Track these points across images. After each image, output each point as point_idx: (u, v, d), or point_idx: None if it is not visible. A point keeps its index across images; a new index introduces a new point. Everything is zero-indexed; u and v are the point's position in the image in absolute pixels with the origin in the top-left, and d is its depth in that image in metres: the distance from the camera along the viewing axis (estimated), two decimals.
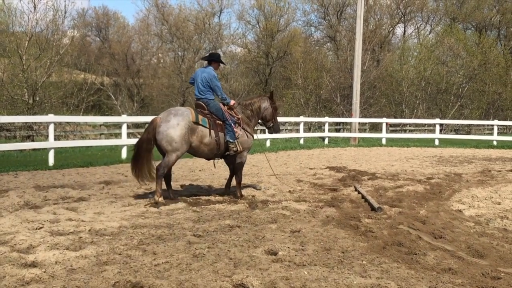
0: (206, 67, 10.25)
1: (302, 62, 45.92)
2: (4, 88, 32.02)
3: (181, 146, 9.40)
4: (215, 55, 10.57)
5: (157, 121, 9.51)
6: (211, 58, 10.39)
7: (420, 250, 6.26)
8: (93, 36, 70.79)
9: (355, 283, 5.01)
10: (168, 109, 9.94)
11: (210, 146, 9.79)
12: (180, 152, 9.48)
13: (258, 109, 10.78)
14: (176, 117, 9.43)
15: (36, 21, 33.85)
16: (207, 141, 9.71)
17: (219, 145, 9.89)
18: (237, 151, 10.10)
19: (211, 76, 9.98)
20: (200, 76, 10.02)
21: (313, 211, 8.62)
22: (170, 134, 9.30)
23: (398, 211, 8.65)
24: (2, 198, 9.74)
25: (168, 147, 9.35)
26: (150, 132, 9.50)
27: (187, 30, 51.78)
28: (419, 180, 12.91)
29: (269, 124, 11.08)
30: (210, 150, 9.87)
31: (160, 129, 9.37)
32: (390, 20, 54.73)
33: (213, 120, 9.87)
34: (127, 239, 6.61)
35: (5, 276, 5.05)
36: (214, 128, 9.81)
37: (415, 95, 46.49)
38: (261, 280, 5.00)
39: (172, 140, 9.31)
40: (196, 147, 9.67)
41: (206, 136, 9.69)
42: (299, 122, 29.98)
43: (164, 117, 9.51)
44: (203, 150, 9.79)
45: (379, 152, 23.81)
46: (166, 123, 9.39)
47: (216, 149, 9.90)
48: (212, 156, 10.10)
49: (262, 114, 10.88)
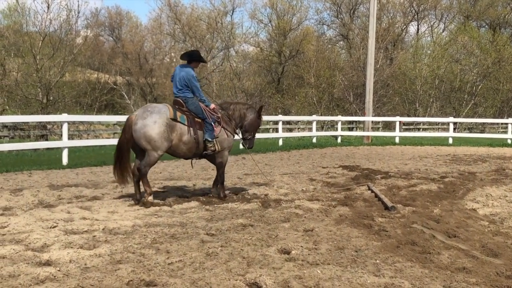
0: (184, 65, 9.84)
1: (314, 61, 45.86)
2: (18, 88, 32.31)
3: (161, 144, 9.06)
4: (194, 54, 10.19)
5: (133, 119, 9.12)
6: (190, 57, 9.94)
7: (434, 249, 6.22)
8: (106, 35, 71.16)
9: (368, 282, 4.99)
10: (144, 106, 9.57)
11: (189, 144, 9.46)
12: (161, 150, 9.14)
13: (244, 115, 10.37)
14: (153, 114, 9.06)
15: (49, 21, 34.13)
16: (186, 139, 9.37)
17: (198, 144, 9.55)
18: (215, 150, 9.76)
19: (190, 76, 9.60)
20: (179, 75, 9.66)
21: (326, 210, 8.59)
22: (148, 133, 8.95)
23: (412, 210, 8.61)
24: (17, 197, 9.81)
25: (148, 146, 9.02)
26: (127, 131, 9.13)
27: (199, 29, 51.89)
28: (433, 179, 12.84)
29: (246, 136, 10.59)
30: (189, 149, 9.54)
31: (137, 127, 9.00)
32: (403, 18, 54.50)
33: (191, 117, 9.52)
34: (141, 237, 6.62)
35: (20, 275, 5.09)
36: (193, 126, 9.47)
37: (429, 94, 46.26)
38: (274, 279, 4.99)
39: (151, 139, 8.97)
40: (175, 146, 9.33)
41: (185, 134, 9.36)
42: (312, 121, 29.93)
43: (140, 114, 9.13)
44: (181, 149, 9.44)
45: (393, 151, 23.72)
46: (142, 120, 9.02)
47: (195, 148, 9.57)
48: (191, 155, 9.76)
49: (244, 122, 10.40)
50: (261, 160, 18.34)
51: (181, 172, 14.33)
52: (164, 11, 56.46)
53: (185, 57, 10.03)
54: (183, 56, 10.10)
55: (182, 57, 10.15)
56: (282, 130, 28.63)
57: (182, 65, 9.91)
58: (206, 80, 48.50)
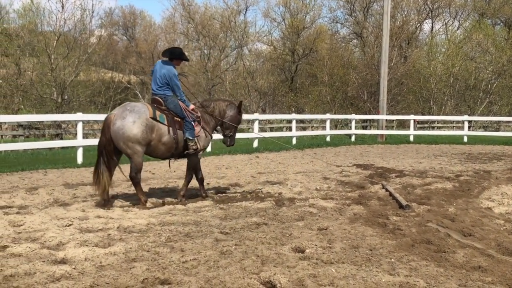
0: (166, 62, 9.48)
1: (328, 59, 45.76)
2: (33, 87, 32.55)
3: (139, 145, 8.77)
4: (176, 51, 9.81)
5: (111, 119, 8.78)
6: (172, 55, 9.57)
7: (449, 248, 6.19)
8: (120, 35, 71.56)
9: (383, 280, 4.97)
10: (123, 104, 9.19)
11: (168, 144, 9.16)
12: (141, 152, 8.84)
13: (223, 112, 10.09)
14: (132, 114, 8.72)
15: (64, 21, 34.33)
16: (165, 139, 9.08)
17: (177, 144, 9.26)
18: (197, 149, 9.49)
19: (171, 74, 9.29)
20: (159, 72, 9.31)
21: (340, 209, 8.57)
22: (126, 133, 8.63)
23: (427, 209, 8.56)
24: (32, 196, 9.88)
25: (127, 149, 8.73)
26: (106, 132, 8.78)
27: (213, 28, 51.90)
28: (448, 177, 12.77)
29: (227, 133, 10.30)
30: (168, 149, 9.25)
31: (115, 127, 8.68)
32: (418, 16, 54.15)
33: (171, 116, 9.22)
34: (155, 236, 6.65)
35: (36, 273, 5.12)
36: (173, 125, 9.17)
37: (443, 92, 45.95)
38: (288, 278, 4.99)
39: (129, 140, 8.66)
40: (154, 146, 9.03)
41: (164, 135, 9.05)
42: (326, 120, 29.86)
43: (119, 114, 8.78)
44: (160, 149, 9.15)
45: (407, 149, 23.62)
46: (121, 120, 8.68)
47: (174, 148, 9.28)
48: (169, 155, 9.48)
49: (224, 119, 10.12)
50: (274, 158, 18.33)
51: None
52: (177, 10, 56.64)
53: (166, 54, 9.63)
54: (165, 53, 9.69)
55: (164, 53, 9.72)
56: (296, 129, 28.60)
57: (164, 61, 9.53)
58: (220, 79, 48.52)
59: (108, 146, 8.78)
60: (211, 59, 50.57)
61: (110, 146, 8.78)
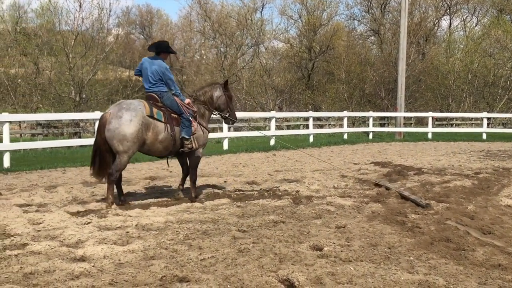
0: (154, 58, 9.20)
1: (345, 56, 45.55)
2: (51, 86, 32.81)
3: (132, 145, 8.49)
4: (163, 45, 9.50)
5: (107, 117, 8.50)
6: (158, 49, 9.30)
7: (469, 246, 6.13)
8: (137, 33, 71.88)
9: (402, 279, 4.94)
10: (119, 102, 8.90)
11: (165, 142, 8.91)
12: (131, 151, 8.58)
13: (210, 99, 9.77)
14: (128, 112, 8.45)
15: (81, 20, 34.55)
16: (162, 137, 8.82)
17: (174, 141, 9.02)
18: (192, 148, 9.25)
19: (163, 68, 9.03)
20: (150, 69, 9.02)
21: (358, 207, 8.54)
22: (122, 132, 8.35)
23: (446, 207, 8.50)
24: (51, 194, 9.95)
25: (119, 147, 8.42)
26: (102, 131, 8.50)
27: (229, 26, 51.88)
28: (467, 175, 12.67)
29: (224, 114, 10.04)
30: (165, 147, 9.00)
31: (111, 126, 8.40)
32: (435, 12, 53.70)
33: (168, 113, 8.98)
34: (173, 234, 6.66)
35: (55, 270, 5.16)
36: (170, 122, 8.92)
37: (462, 89, 45.56)
38: (306, 276, 4.97)
39: (124, 139, 8.38)
40: (151, 144, 8.77)
41: (161, 132, 8.80)
42: (343, 117, 29.78)
43: (115, 112, 8.50)
44: (157, 147, 8.90)
45: (425, 147, 23.48)
46: (117, 119, 8.41)
47: (172, 145, 9.04)
48: (167, 153, 9.24)
49: (216, 104, 9.84)
50: (291, 156, 18.31)
51: (212, 169, 14.38)
52: (194, 8, 56.66)
53: (152, 48, 9.40)
54: (151, 48, 9.47)
55: (150, 48, 9.51)
56: (313, 127, 28.56)
57: (151, 57, 9.25)
58: (236, 77, 48.53)
59: (103, 146, 8.53)
60: (228, 57, 50.57)
61: (105, 145, 8.53)
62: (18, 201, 8.99)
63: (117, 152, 8.51)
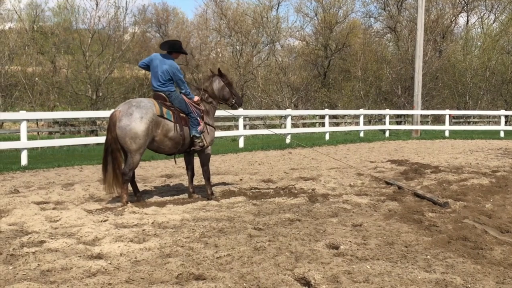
0: (165, 56, 9.16)
1: (361, 54, 45.41)
2: (68, 84, 33.03)
3: (144, 143, 8.51)
4: (176, 44, 9.46)
5: (117, 115, 8.47)
6: (172, 48, 9.28)
7: (487, 244, 6.07)
8: (153, 32, 71.93)
9: (419, 278, 4.90)
10: (128, 101, 8.87)
11: (175, 140, 8.93)
12: (143, 149, 8.58)
13: (213, 92, 9.73)
14: (139, 110, 8.44)
15: (98, 18, 34.73)
16: (172, 135, 8.85)
17: (184, 140, 9.04)
18: (203, 146, 9.29)
19: (174, 69, 9.03)
20: (161, 68, 8.98)
21: (374, 205, 8.49)
22: (134, 129, 8.34)
23: (463, 205, 8.42)
24: (68, 192, 10.02)
25: (132, 145, 8.40)
26: (113, 130, 8.46)
27: (245, 24, 51.83)
28: (484, 173, 12.56)
29: (230, 102, 9.99)
30: (174, 145, 9.02)
31: (122, 124, 8.38)
32: (453, 9, 53.31)
33: (177, 113, 8.99)
34: (189, 231, 6.67)
35: (72, 268, 5.18)
36: (179, 122, 8.94)
37: (479, 86, 45.23)
38: (323, 274, 4.96)
39: (137, 137, 8.37)
40: (160, 141, 8.77)
41: (171, 130, 8.82)
42: (359, 115, 29.67)
43: (125, 110, 8.48)
44: (166, 144, 8.89)
45: (442, 145, 23.32)
46: (128, 116, 8.39)
47: (181, 144, 9.06)
48: (175, 151, 9.24)
49: (220, 96, 9.82)
50: (307, 154, 18.27)
51: (227, 167, 14.39)
52: (209, 6, 56.65)
53: (165, 47, 9.34)
54: (163, 46, 9.40)
55: (162, 46, 9.41)
56: (329, 124, 28.48)
57: (162, 55, 9.21)
58: (252, 75, 48.52)
59: (115, 144, 8.48)
60: (243, 55, 50.51)
61: (116, 144, 8.49)
62: (35, 199, 9.06)
63: (129, 150, 8.49)
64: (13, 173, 13.52)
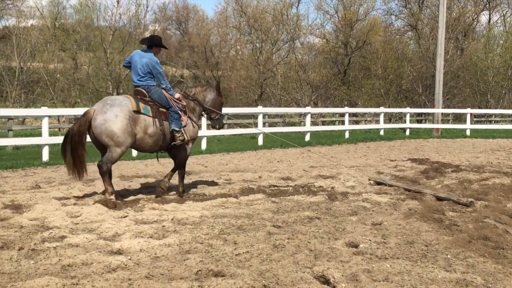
0: (145, 50, 9.13)
1: (382, 52, 45.22)
2: (89, 81, 33.33)
3: (125, 140, 8.38)
4: (155, 38, 9.45)
5: (91, 113, 8.39)
6: (151, 42, 9.24)
7: (508, 244, 6.02)
8: (174, 29, 72.26)
9: (439, 277, 4.86)
10: (104, 99, 8.80)
11: (155, 137, 8.79)
12: (124, 146, 8.45)
13: (204, 98, 9.77)
14: (113, 108, 8.35)
15: (119, 16, 35.01)
16: (151, 131, 8.70)
17: (164, 135, 8.90)
18: (184, 140, 9.13)
19: (153, 62, 8.96)
20: (140, 62, 8.94)
21: (394, 204, 8.44)
22: (109, 128, 8.24)
23: (484, 205, 8.34)
24: (89, 187, 10.10)
25: (110, 142, 8.32)
26: (82, 124, 8.37)
27: (265, 22, 51.83)
28: (506, 172, 12.43)
29: (214, 116, 9.97)
30: (155, 142, 8.86)
31: (96, 123, 8.30)
32: (474, 7, 52.82)
33: (156, 107, 8.86)
34: (208, 228, 6.69)
35: (93, 263, 5.23)
36: (158, 117, 8.80)
37: (501, 85, 44.81)
38: (342, 272, 4.94)
39: (114, 134, 8.25)
40: (140, 139, 8.64)
41: (150, 126, 8.67)
42: (379, 113, 29.52)
43: (100, 109, 8.40)
44: (147, 142, 8.76)
45: (463, 144, 23.12)
46: (102, 115, 8.31)
47: (162, 140, 8.92)
48: (157, 148, 9.09)
49: (207, 105, 9.80)
50: (327, 152, 18.22)
51: (246, 164, 14.40)
52: (230, 4, 56.75)
53: (145, 41, 9.38)
54: (144, 41, 9.47)
55: (142, 41, 9.50)
56: (349, 123, 28.38)
57: (142, 50, 9.21)
58: (272, 73, 48.51)
59: (78, 137, 8.39)
60: (263, 52, 50.52)
61: (80, 138, 8.40)
62: (56, 194, 9.15)
63: (108, 146, 8.42)
64: (35, 168, 13.66)
